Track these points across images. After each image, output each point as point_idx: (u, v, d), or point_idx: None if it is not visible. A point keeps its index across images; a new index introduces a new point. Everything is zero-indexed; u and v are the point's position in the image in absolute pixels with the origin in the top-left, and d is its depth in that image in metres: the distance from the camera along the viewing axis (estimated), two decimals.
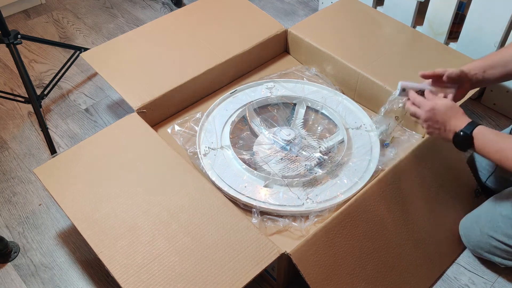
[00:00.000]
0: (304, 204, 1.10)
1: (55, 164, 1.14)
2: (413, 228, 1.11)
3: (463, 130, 0.91)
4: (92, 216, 1.02)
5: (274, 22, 1.52)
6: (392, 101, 1.26)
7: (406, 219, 1.11)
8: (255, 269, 0.93)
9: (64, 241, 1.24)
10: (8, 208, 1.32)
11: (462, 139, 0.92)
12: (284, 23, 1.83)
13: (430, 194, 1.16)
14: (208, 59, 1.39)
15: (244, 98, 1.35)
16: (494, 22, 1.43)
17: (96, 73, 1.74)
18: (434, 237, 1.14)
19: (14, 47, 1.44)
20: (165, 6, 2.08)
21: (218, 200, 1.05)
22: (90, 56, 1.41)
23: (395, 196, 1.10)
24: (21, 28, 1.94)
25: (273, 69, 1.49)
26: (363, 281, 1.02)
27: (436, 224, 1.15)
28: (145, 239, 0.98)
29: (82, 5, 2.09)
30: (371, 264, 1.04)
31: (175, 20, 1.53)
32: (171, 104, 1.33)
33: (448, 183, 1.19)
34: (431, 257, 1.14)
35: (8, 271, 1.19)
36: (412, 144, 1.22)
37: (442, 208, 1.17)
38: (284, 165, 1.19)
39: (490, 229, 1.05)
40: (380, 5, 1.78)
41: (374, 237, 1.05)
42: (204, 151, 1.21)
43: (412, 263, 1.10)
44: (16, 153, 1.46)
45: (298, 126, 1.31)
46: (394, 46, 1.43)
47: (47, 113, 1.59)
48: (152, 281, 0.92)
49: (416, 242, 1.11)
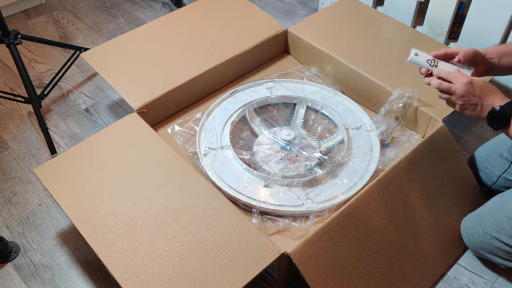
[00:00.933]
0: (304, 204, 1.10)
1: (55, 164, 1.14)
2: (413, 228, 1.11)
3: (503, 106, 0.88)
4: (92, 216, 1.02)
5: (274, 22, 1.52)
6: (392, 101, 1.26)
7: (406, 219, 1.11)
8: (255, 269, 0.93)
9: (64, 241, 1.24)
10: (8, 208, 1.32)
11: (499, 116, 0.88)
12: (284, 23, 1.83)
13: (430, 194, 1.16)
14: (208, 59, 1.39)
15: (244, 98, 1.35)
16: (494, 22, 1.43)
17: (96, 73, 1.74)
18: (434, 237, 1.14)
19: (14, 47, 1.44)
20: (165, 6, 2.08)
21: (218, 200, 1.05)
22: (90, 56, 1.41)
23: (395, 196, 1.10)
24: (21, 28, 1.93)
25: (273, 69, 1.49)
26: (364, 281, 1.02)
27: (436, 224, 1.15)
28: (145, 239, 0.98)
29: (82, 5, 2.08)
30: (371, 264, 1.04)
31: (175, 20, 1.53)
32: (171, 104, 1.33)
33: (448, 183, 1.19)
34: (432, 257, 1.14)
35: (8, 271, 1.19)
36: (412, 144, 1.22)
37: (442, 208, 1.17)
38: (284, 165, 1.19)
39: (494, 231, 1.05)
40: (380, 5, 1.78)
41: (375, 237, 1.05)
42: (204, 151, 1.21)
43: (412, 263, 1.10)
44: (16, 153, 1.46)
45: (298, 126, 1.31)
46: (394, 46, 1.43)
47: (47, 113, 1.59)
48: (152, 281, 0.92)
49: (416, 242, 1.11)
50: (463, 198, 1.21)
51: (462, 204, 1.20)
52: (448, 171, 1.20)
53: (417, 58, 0.97)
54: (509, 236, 1.02)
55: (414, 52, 0.97)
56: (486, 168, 1.22)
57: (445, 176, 1.19)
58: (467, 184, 1.22)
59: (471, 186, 1.23)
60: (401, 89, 1.25)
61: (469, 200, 1.22)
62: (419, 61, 0.98)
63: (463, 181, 1.22)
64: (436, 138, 1.19)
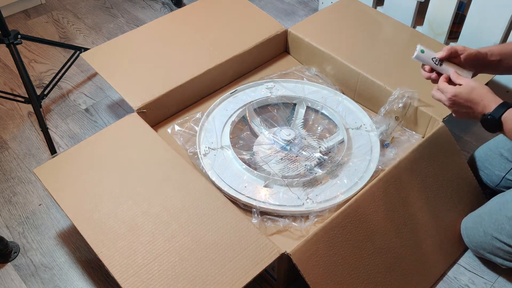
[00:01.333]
0: (304, 204, 1.10)
1: (55, 164, 1.14)
2: (413, 228, 1.11)
3: (491, 114, 0.88)
4: (92, 216, 1.02)
5: (274, 22, 1.52)
6: (392, 101, 1.26)
7: (406, 219, 1.11)
8: (255, 269, 0.93)
9: (64, 241, 1.24)
10: (8, 208, 1.32)
11: (490, 123, 0.89)
12: (284, 23, 1.83)
13: (430, 194, 1.16)
14: (208, 59, 1.39)
15: (244, 98, 1.35)
16: (494, 22, 1.43)
17: (96, 73, 1.74)
18: (435, 237, 1.14)
19: (14, 47, 1.44)
20: (165, 6, 2.08)
21: (218, 200, 1.05)
22: (90, 56, 1.41)
23: (395, 196, 1.10)
24: (21, 28, 1.93)
25: (273, 69, 1.49)
26: (364, 281, 1.02)
27: (436, 224, 1.15)
28: (145, 239, 0.98)
29: (82, 5, 2.08)
30: (372, 264, 1.04)
31: (175, 20, 1.53)
32: (171, 104, 1.33)
33: (448, 183, 1.19)
34: (432, 257, 1.14)
35: (8, 271, 1.19)
36: (412, 144, 1.22)
37: (442, 208, 1.17)
38: (284, 165, 1.19)
39: (495, 231, 1.05)
40: (380, 5, 1.78)
41: (375, 237, 1.05)
42: (204, 151, 1.21)
43: (412, 263, 1.10)
44: (16, 153, 1.46)
45: (298, 126, 1.31)
46: (394, 46, 1.43)
47: (47, 113, 1.59)
48: (152, 281, 0.92)
49: (416, 242, 1.11)
50: (463, 198, 1.21)
51: (462, 204, 1.20)
52: (448, 171, 1.20)
53: (423, 55, 0.96)
54: (510, 236, 1.02)
55: (420, 48, 0.96)
56: (486, 168, 1.22)
57: (445, 176, 1.19)
58: (467, 184, 1.22)
59: (471, 186, 1.23)
60: (401, 89, 1.25)
61: (469, 200, 1.22)
62: (425, 58, 0.97)
63: (463, 181, 1.22)
64: (436, 138, 1.19)
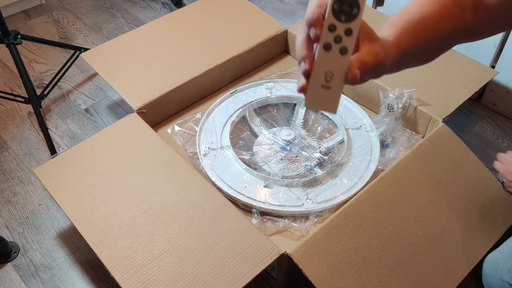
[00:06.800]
0: (304, 205, 1.10)
1: (55, 164, 1.14)
2: (423, 226, 1.10)
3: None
4: (92, 216, 1.02)
5: (274, 22, 1.52)
6: (392, 101, 1.26)
7: (406, 220, 1.10)
8: (255, 269, 0.93)
9: (64, 241, 1.24)
10: (8, 208, 1.32)
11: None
12: (284, 23, 1.83)
13: (431, 194, 1.15)
14: (208, 59, 1.39)
15: (244, 98, 1.35)
16: None
17: (96, 73, 1.74)
18: (454, 233, 1.11)
19: (14, 47, 1.44)
20: (165, 6, 2.08)
21: (218, 200, 1.05)
22: (90, 56, 1.41)
23: (395, 196, 1.10)
24: (21, 28, 1.93)
25: (273, 69, 1.49)
26: (375, 278, 1.00)
27: (436, 224, 1.15)
28: (145, 239, 0.98)
29: (82, 5, 2.08)
30: (381, 262, 1.01)
31: (175, 20, 1.53)
32: (171, 104, 1.33)
33: (449, 182, 1.18)
34: (454, 256, 1.12)
35: (8, 271, 1.19)
36: (412, 144, 1.22)
37: (442, 208, 1.17)
38: (284, 165, 1.19)
39: (510, 278, 1.01)
40: (380, 5, 1.78)
41: (381, 234, 1.04)
42: (204, 151, 1.21)
43: (430, 260, 1.07)
44: (16, 153, 1.46)
45: (298, 126, 1.31)
46: None
47: (47, 113, 1.59)
48: (152, 281, 0.92)
49: (432, 239, 1.08)
50: (472, 196, 1.18)
51: (471, 204, 1.18)
52: (448, 172, 1.19)
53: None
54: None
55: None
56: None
57: (445, 176, 1.19)
58: (478, 180, 1.19)
59: (485, 181, 1.19)
60: (400, 89, 1.25)
61: (469, 200, 1.21)
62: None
63: (464, 181, 1.21)
64: (436, 138, 1.19)
